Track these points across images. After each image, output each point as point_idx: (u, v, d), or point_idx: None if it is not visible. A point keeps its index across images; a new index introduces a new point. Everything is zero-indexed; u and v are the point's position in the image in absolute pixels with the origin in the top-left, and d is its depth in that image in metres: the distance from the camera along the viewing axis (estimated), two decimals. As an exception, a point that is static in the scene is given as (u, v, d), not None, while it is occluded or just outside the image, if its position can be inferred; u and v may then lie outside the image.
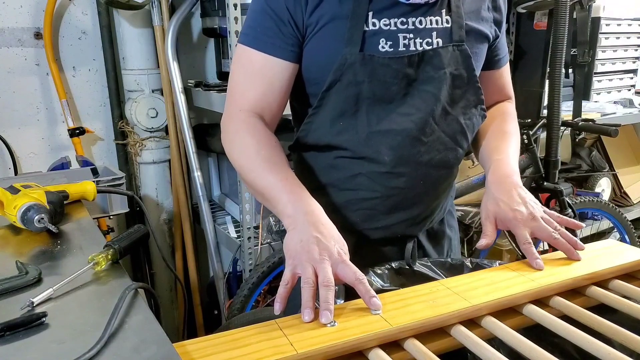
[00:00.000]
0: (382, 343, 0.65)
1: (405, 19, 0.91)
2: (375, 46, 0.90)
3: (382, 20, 0.90)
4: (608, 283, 0.82)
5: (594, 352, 0.63)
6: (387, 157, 0.94)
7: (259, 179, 0.89)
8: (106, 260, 0.79)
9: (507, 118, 1.11)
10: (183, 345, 0.61)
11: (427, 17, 0.92)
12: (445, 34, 0.94)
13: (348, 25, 0.89)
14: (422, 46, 0.92)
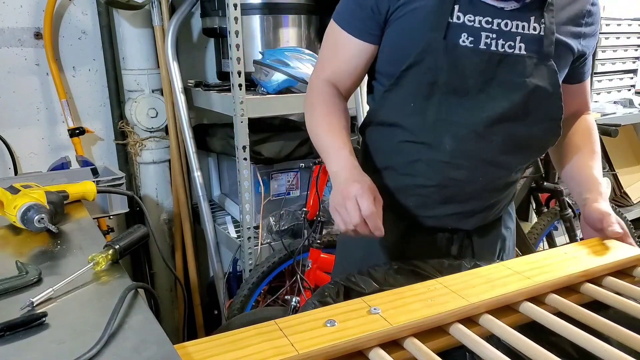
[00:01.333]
0: (382, 342, 0.65)
1: (491, 19, 0.92)
2: (457, 39, 0.92)
3: (467, 16, 0.92)
4: (601, 280, 0.82)
5: (590, 349, 0.63)
6: (448, 146, 0.95)
7: (319, 139, 0.99)
8: (106, 260, 0.79)
9: (592, 134, 1.11)
10: (184, 346, 0.61)
11: (514, 21, 0.92)
12: (530, 42, 0.93)
13: (434, 13, 0.92)
14: (504, 48, 0.93)
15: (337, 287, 0.81)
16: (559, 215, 2.19)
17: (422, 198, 1.01)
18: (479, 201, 1.02)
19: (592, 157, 1.07)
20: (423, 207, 1.02)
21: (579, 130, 1.11)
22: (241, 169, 1.78)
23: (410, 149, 0.99)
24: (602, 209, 0.95)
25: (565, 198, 2.17)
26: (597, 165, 1.06)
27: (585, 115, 1.14)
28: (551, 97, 0.96)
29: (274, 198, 1.98)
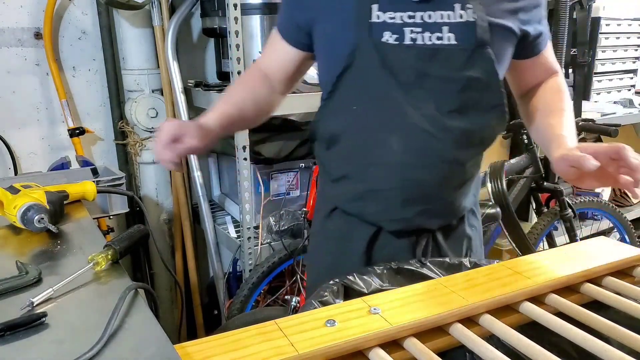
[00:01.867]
0: (382, 342, 0.65)
1: (413, 13, 0.91)
2: (380, 37, 0.91)
3: (388, 14, 0.91)
4: (601, 280, 0.82)
5: (590, 349, 0.63)
6: (396, 146, 0.94)
7: None
8: (106, 261, 0.79)
9: (559, 95, 1.08)
10: (183, 346, 0.61)
11: (438, 11, 0.91)
12: (459, 30, 0.91)
13: (354, 15, 0.92)
14: (432, 40, 0.91)
15: (337, 287, 0.81)
16: (559, 215, 2.19)
17: (382, 202, 1.00)
18: (439, 199, 1.00)
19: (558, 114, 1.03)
20: (385, 211, 1.01)
21: (546, 90, 1.09)
22: (241, 169, 1.78)
23: (360, 155, 0.98)
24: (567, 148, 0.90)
25: (565, 198, 2.17)
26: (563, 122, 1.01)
27: (552, 77, 1.12)
28: (489, 87, 0.94)
29: (274, 198, 1.98)
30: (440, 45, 0.91)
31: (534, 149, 2.20)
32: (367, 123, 0.95)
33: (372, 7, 0.91)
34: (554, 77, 1.11)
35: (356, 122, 0.97)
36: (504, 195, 2.05)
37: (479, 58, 0.92)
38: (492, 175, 2.08)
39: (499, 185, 2.05)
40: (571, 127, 1.00)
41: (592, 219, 2.62)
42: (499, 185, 2.05)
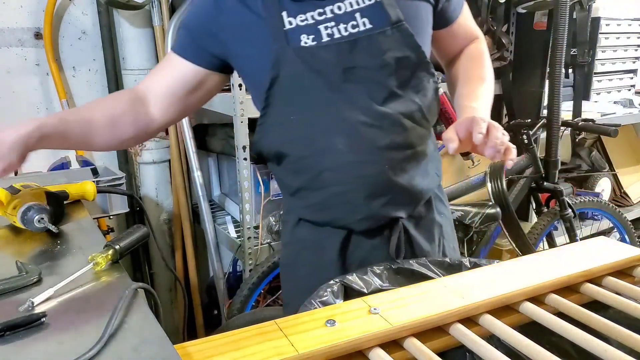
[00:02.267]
0: (382, 342, 0.65)
1: (322, 9, 0.90)
2: (298, 42, 0.91)
3: (299, 17, 0.91)
4: (601, 280, 0.82)
5: (590, 349, 0.63)
6: (342, 146, 0.93)
7: None
8: (106, 260, 0.79)
9: (476, 62, 1.07)
10: (183, 346, 0.61)
11: (345, 0, 0.90)
12: (371, 13, 0.90)
13: (267, 30, 0.92)
14: (348, 31, 0.90)
15: (337, 287, 0.81)
16: (559, 215, 2.19)
17: (345, 205, 0.99)
18: (398, 187, 0.98)
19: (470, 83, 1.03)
20: (351, 213, 0.99)
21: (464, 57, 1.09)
22: (241, 169, 1.78)
23: (310, 164, 0.97)
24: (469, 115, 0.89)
25: (565, 198, 2.17)
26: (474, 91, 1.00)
27: (472, 43, 1.11)
28: (419, 63, 0.94)
29: (274, 198, 1.97)
30: (357, 34, 0.90)
31: (534, 149, 2.19)
32: (309, 131, 0.95)
33: (282, 15, 0.91)
34: (474, 43, 1.11)
35: (297, 132, 0.96)
36: (504, 195, 2.05)
37: (398, 36, 0.91)
38: (492, 175, 2.08)
39: (498, 185, 2.05)
40: (481, 95, 0.99)
41: (592, 219, 2.62)
42: (498, 185, 2.05)
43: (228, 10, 0.95)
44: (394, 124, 0.94)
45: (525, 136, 2.17)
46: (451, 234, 1.14)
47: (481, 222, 2.00)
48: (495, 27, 2.25)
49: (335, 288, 0.80)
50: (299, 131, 0.96)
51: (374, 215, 0.99)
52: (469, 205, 2.04)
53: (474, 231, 2.07)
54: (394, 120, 0.94)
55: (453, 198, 2.11)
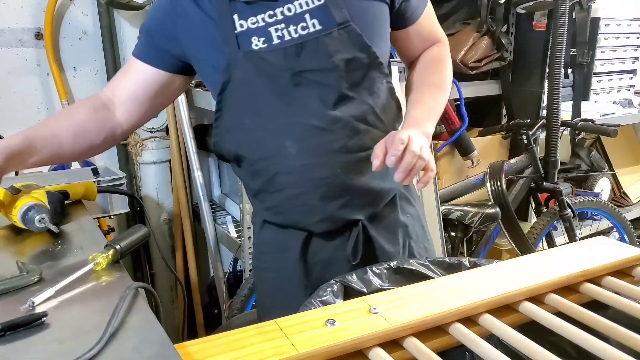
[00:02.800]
0: (382, 342, 0.65)
1: (273, 11, 0.90)
2: (249, 45, 0.91)
3: (249, 20, 0.91)
4: (601, 280, 0.82)
5: (589, 348, 0.63)
6: (293, 150, 0.93)
7: None
8: (107, 260, 0.80)
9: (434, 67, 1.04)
10: (184, 346, 0.61)
11: (296, 2, 0.90)
12: (321, 13, 0.89)
13: (219, 33, 0.92)
14: (298, 32, 0.90)
15: (336, 287, 0.81)
16: (558, 215, 2.19)
17: (301, 207, 0.98)
18: (354, 189, 0.97)
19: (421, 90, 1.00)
20: (308, 215, 0.99)
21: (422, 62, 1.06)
22: (241, 169, 1.78)
23: (265, 167, 0.97)
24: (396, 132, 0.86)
25: (565, 198, 2.18)
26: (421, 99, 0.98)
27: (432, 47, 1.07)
28: (370, 64, 0.92)
29: (274, 198, 1.98)
30: (307, 36, 0.89)
31: (533, 149, 2.20)
32: (261, 134, 0.95)
33: (234, 17, 0.91)
34: (435, 47, 1.07)
35: (250, 135, 0.96)
36: (504, 195, 2.05)
37: (346, 37, 0.90)
38: (492, 176, 2.08)
39: (498, 185, 2.06)
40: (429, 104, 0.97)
41: (591, 218, 2.62)
42: (498, 185, 2.05)
43: (184, 13, 0.96)
44: (346, 127, 0.93)
45: (525, 136, 2.17)
46: (421, 234, 1.11)
47: (481, 222, 2.00)
48: (494, 27, 2.25)
49: (335, 288, 0.80)
50: (252, 135, 0.96)
51: (330, 217, 0.99)
52: (469, 205, 2.05)
53: (474, 231, 2.07)
54: (345, 123, 0.93)
55: (453, 198, 2.11)
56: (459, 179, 2.21)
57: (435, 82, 1.02)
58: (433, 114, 0.96)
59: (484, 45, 2.23)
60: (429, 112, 0.96)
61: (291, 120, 0.93)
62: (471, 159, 2.21)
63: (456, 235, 2.05)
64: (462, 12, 2.37)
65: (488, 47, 2.24)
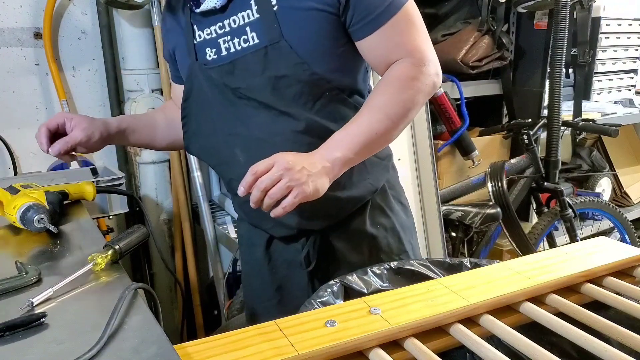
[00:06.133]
0: (382, 343, 0.65)
1: (222, 23, 0.93)
2: (204, 56, 0.96)
3: (205, 31, 0.95)
4: (602, 280, 0.82)
5: (590, 349, 0.63)
6: (242, 158, 0.97)
7: None
8: (106, 261, 0.79)
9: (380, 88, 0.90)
10: (183, 347, 0.61)
11: (239, 14, 0.90)
12: (259, 27, 0.89)
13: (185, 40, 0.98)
14: (241, 45, 0.92)
15: (336, 287, 0.81)
16: (560, 216, 2.19)
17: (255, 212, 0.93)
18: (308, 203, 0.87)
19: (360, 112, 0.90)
20: (263, 220, 1.02)
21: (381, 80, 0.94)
22: (241, 169, 1.78)
23: (221, 172, 1.05)
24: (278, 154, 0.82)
25: (566, 198, 2.17)
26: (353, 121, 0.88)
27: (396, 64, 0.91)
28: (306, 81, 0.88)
29: (274, 198, 1.97)
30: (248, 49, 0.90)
31: (534, 149, 2.19)
32: (215, 141, 0.99)
33: (194, 27, 0.96)
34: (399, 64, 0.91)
35: (208, 142, 1.01)
36: (505, 195, 2.05)
37: (277, 54, 0.87)
38: (493, 176, 2.08)
39: (499, 185, 2.05)
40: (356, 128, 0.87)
41: (592, 219, 2.62)
42: (499, 186, 2.05)
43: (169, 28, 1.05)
44: (288, 140, 0.92)
45: (526, 136, 2.17)
46: (396, 246, 1.06)
47: (482, 222, 2.00)
48: (495, 27, 2.25)
49: (335, 288, 0.80)
50: (208, 141, 1.01)
51: (284, 224, 1.00)
52: (470, 205, 2.04)
53: (475, 231, 2.07)
54: (286, 137, 0.92)
55: (453, 198, 2.11)
56: (460, 179, 2.21)
57: (381, 104, 0.89)
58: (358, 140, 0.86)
59: (484, 44, 2.23)
60: (353, 136, 0.86)
61: (238, 130, 0.96)
62: (472, 159, 2.21)
63: (457, 236, 2.05)
64: (462, 11, 2.36)
65: (489, 46, 2.24)
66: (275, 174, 0.79)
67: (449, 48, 2.25)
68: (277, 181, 0.79)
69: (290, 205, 0.80)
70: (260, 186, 0.79)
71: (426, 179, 1.88)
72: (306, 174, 0.80)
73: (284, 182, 0.79)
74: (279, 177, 0.79)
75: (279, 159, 0.80)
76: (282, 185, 0.79)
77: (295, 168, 0.80)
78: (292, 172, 0.79)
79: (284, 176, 0.79)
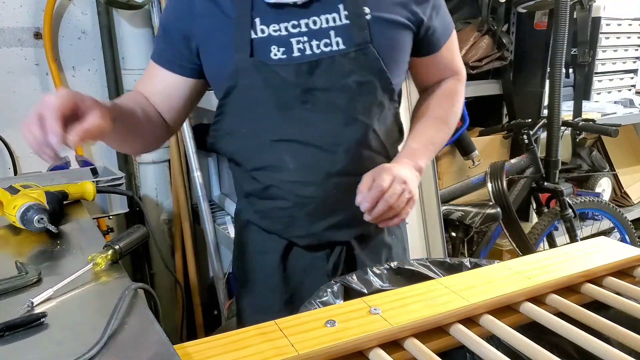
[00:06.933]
0: (382, 343, 0.65)
1: (297, 22, 0.86)
2: (267, 54, 0.87)
3: (272, 26, 0.86)
4: (602, 280, 0.82)
5: (590, 349, 0.63)
6: (291, 165, 0.92)
7: None
8: (106, 261, 0.79)
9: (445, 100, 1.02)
10: (183, 347, 0.61)
11: (323, 16, 0.86)
12: (346, 33, 0.86)
13: (234, 33, 0.87)
14: (320, 48, 0.86)
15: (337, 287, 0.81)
16: (560, 216, 2.18)
17: (287, 219, 0.97)
18: (346, 212, 0.95)
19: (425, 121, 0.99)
20: (292, 227, 0.98)
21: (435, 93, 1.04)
22: (241, 169, 1.78)
23: (259, 176, 0.96)
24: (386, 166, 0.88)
25: (566, 198, 2.17)
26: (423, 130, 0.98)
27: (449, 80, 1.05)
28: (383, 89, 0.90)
29: (274, 198, 1.97)
30: (325, 54, 0.86)
31: (534, 149, 2.19)
32: (259, 144, 0.92)
33: (255, 21, 0.86)
34: (452, 80, 1.06)
35: (248, 144, 0.94)
36: (505, 195, 2.05)
37: (363, 60, 0.87)
38: (493, 176, 2.08)
39: (499, 185, 2.05)
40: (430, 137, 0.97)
41: (592, 219, 2.62)
42: (499, 185, 2.05)
43: (200, 13, 0.90)
44: (348, 151, 0.91)
45: (526, 136, 2.17)
46: (402, 255, 1.11)
47: (482, 222, 2.00)
48: (495, 27, 2.25)
49: (335, 288, 0.80)
50: (249, 143, 0.94)
51: (315, 235, 0.98)
52: (470, 205, 2.04)
53: (475, 231, 2.07)
54: (348, 147, 0.91)
55: (453, 198, 2.10)
56: (460, 179, 2.21)
57: (442, 116, 1.00)
58: (430, 148, 0.97)
59: (484, 44, 2.23)
60: (426, 146, 0.95)
61: (293, 136, 0.90)
62: (472, 159, 2.21)
63: (457, 236, 2.05)
64: (463, 11, 2.36)
65: (489, 46, 2.24)
66: (398, 188, 0.84)
67: (449, 48, 2.25)
68: (399, 195, 0.84)
69: (406, 215, 0.87)
70: (390, 201, 0.83)
71: (426, 179, 1.89)
72: (414, 186, 0.87)
73: (406, 195, 0.85)
74: (401, 190, 0.84)
75: (397, 174, 0.85)
76: (404, 199, 0.85)
77: (411, 182, 0.86)
78: (409, 185, 0.85)
79: (405, 190, 0.85)
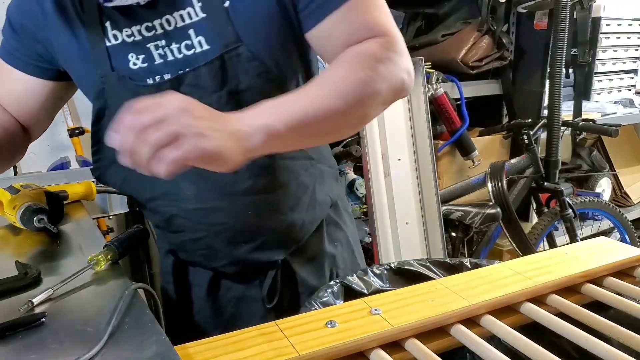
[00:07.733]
0: (383, 343, 0.65)
1: (151, 23, 0.72)
2: (126, 64, 0.74)
3: (124, 31, 0.74)
4: (602, 280, 0.82)
5: (591, 349, 0.63)
6: (188, 192, 0.80)
7: None
8: (106, 261, 0.79)
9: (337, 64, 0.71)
10: (184, 347, 0.61)
11: (176, 13, 0.72)
12: (207, 29, 0.72)
13: (88, 41, 0.74)
14: (182, 52, 0.73)
15: (337, 288, 0.81)
16: (560, 216, 2.19)
17: (206, 250, 0.87)
18: (268, 232, 0.84)
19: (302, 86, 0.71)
20: (214, 258, 0.87)
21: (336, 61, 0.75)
22: (241, 169, 1.77)
23: (157, 207, 0.85)
24: None
25: (566, 198, 2.17)
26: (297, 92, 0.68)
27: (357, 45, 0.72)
28: (273, 89, 0.71)
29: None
30: (194, 57, 0.72)
31: (534, 149, 2.19)
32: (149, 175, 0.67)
33: (106, 25, 0.73)
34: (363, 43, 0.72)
35: (136, 174, 0.63)
36: (505, 195, 2.05)
37: (236, 63, 0.71)
38: (493, 176, 2.08)
39: (499, 185, 2.05)
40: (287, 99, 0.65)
41: (592, 219, 2.62)
42: (499, 185, 2.05)
43: (51, 18, 0.76)
44: (252, 165, 0.70)
45: (526, 136, 2.17)
46: (350, 260, 0.98)
47: (482, 222, 2.00)
48: (495, 27, 2.25)
49: (335, 289, 0.80)
50: (135, 174, 0.63)
51: (241, 261, 0.87)
52: (470, 205, 2.04)
53: (475, 231, 2.07)
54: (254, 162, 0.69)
55: (453, 198, 2.11)
56: (460, 179, 2.21)
57: (328, 79, 0.70)
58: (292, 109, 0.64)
59: (484, 44, 2.23)
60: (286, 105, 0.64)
61: None
62: (472, 159, 2.21)
63: (457, 236, 2.05)
64: (462, 11, 2.37)
65: (489, 46, 2.24)
66: (160, 113, 0.55)
67: (449, 48, 2.26)
68: (162, 124, 0.54)
69: (173, 160, 0.55)
70: (138, 128, 0.54)
71: (426, 179, 1.89)
72: (208, 126, 0.56)
73: (172, 127, 0.54)
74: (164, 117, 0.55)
75: (173, 97, 0.57)
76: (168, 130, 0.54)
77: (194, 113, 0.56)
78: (187, 116, 0.55)
79: (173, 118, 0.55)
